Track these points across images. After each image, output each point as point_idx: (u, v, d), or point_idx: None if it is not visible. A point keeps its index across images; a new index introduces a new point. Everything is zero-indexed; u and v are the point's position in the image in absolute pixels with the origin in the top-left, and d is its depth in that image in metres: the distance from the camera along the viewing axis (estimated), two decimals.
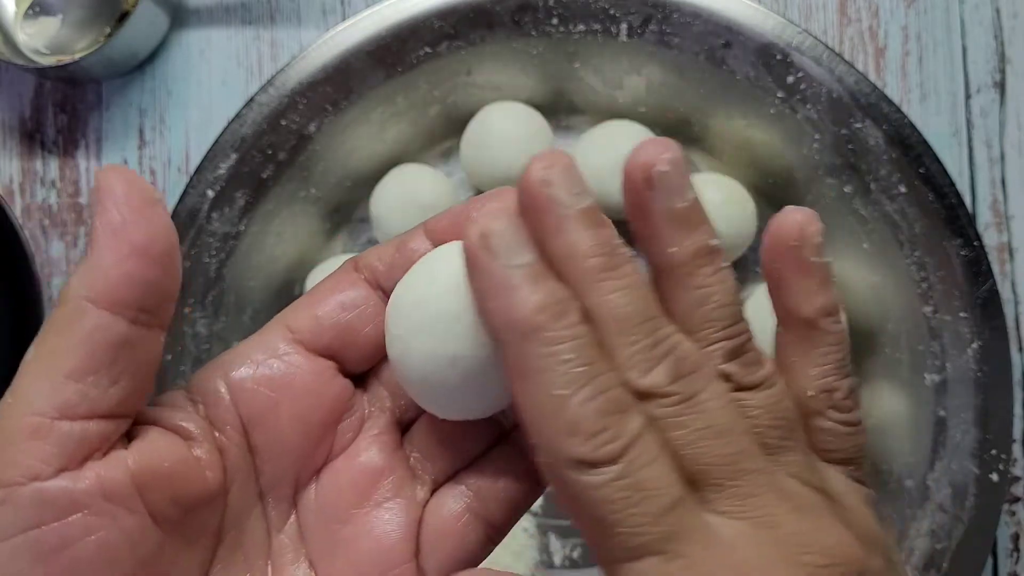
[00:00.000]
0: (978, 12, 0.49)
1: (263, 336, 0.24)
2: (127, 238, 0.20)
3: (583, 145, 0.46)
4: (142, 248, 0.20)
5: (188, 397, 0.23)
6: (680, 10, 0.44)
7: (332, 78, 0.45)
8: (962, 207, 0.43)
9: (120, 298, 0.20)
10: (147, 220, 0.21)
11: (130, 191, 0.21)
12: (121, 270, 0.20)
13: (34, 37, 0.50)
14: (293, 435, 0.23)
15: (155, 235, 0.21)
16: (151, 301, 0.21)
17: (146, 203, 0.21)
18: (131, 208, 0.20)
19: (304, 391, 0.23)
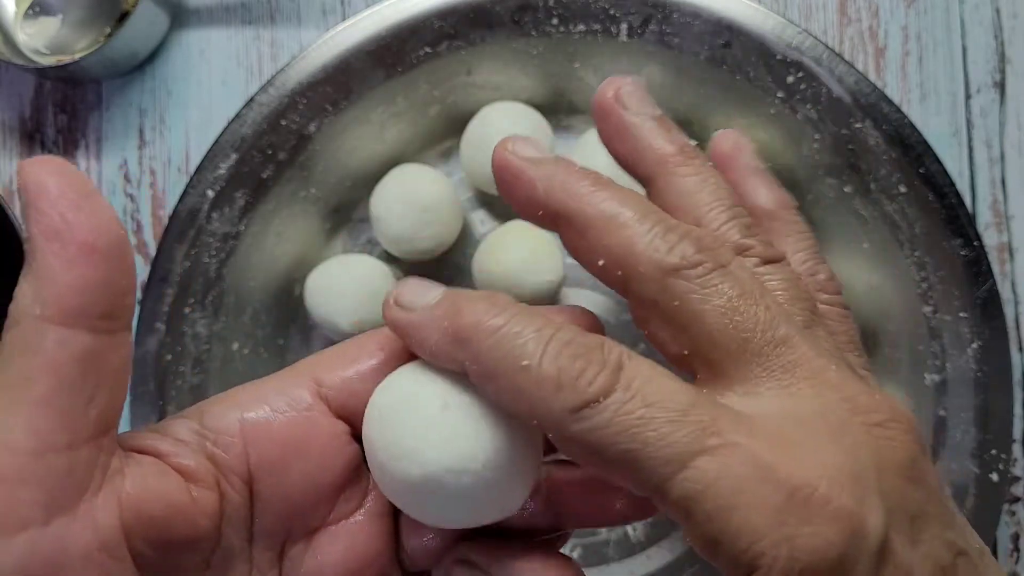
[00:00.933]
0: (978, 12, 0.49)
1: (285, 380, 0.23)
2: (71, 239, 0.19)
3: (583, 145, 0.46)
4: (89, 247, 0.19)
5: (197, 431, 0.22)
6: (680, 10, 0.44)
7: (332, 78, 0.45)
8: (962, 207, 0.43)
9: (75, 308, 0.19)
10: (88, 215, 0.19)
11: (64, 185, 0.19)
12: (70, 277, 0.19)
13: (34, 37, 0.50)
14: (298, 494, 0.23)
15: (99, 229, 0.19)
16: (108, 303, 0.19)
17: (83, 196, 0.19)
18: (69, 204, 0.19)
19: (319, 452, 0.23)
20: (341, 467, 0.23)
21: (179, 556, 0.21)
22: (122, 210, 0.50)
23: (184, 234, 0.45)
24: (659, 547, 0.47)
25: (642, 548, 0.47)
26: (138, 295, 0.50)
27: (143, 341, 0.45)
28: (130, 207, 0.51)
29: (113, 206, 0.51)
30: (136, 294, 0.20)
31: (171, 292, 0.45)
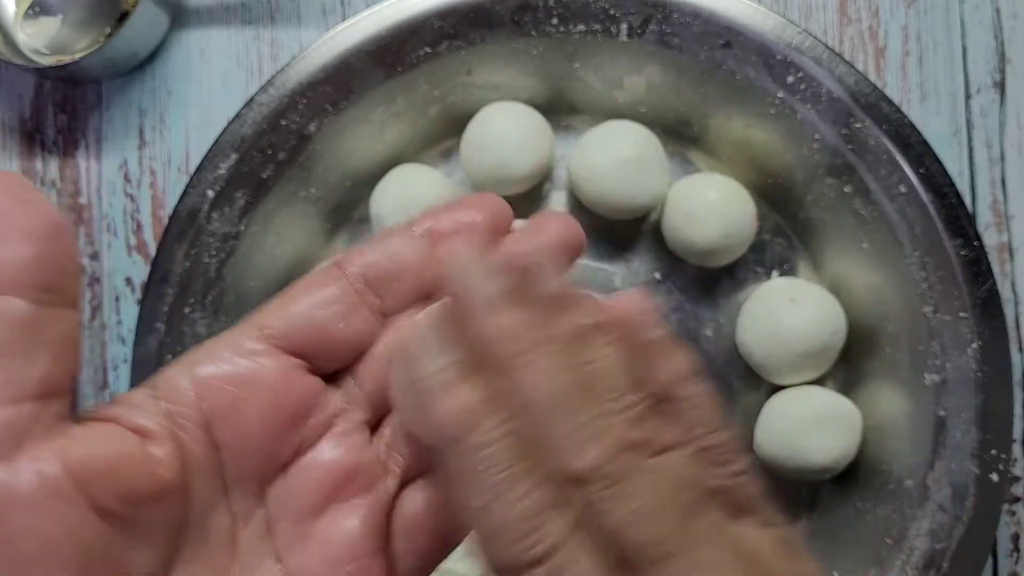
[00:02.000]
0: (978, 12, 0.49)
1: (232, 334, 0.24)
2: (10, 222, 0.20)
3: (583, 145, 0.46)
4: (26, 229, 0.20)
5: (151, 395, 0.23)
6: (680, 10, 0.44)
7: (332, 78, 0.45)
8: (962, 207, 0.43)
9: (15, 280, 0.20)
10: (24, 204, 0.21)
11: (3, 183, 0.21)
12: (10, 253, 0.20)
13: (34, 37, 0.50)
14: (258, 432, 0.23)
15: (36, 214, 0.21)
16: (47, 278, 0.21)
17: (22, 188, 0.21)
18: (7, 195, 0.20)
19: (270, 388, 0.23)
20: (296, 399, 0.24)
21: (148, 509, 0.22)
22: (122, 210, 0.50)
23: (184, 234, 0.45)
24: None
25: None
26: (138, 295, 0.50)
27: (143, 341, 0.45)
28: (130, 207, 0.51)
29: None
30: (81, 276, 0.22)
31: (171, 292, 0.45)
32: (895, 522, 0.43)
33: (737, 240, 0.45)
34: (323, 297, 0.24)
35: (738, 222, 0.45)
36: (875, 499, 0.44)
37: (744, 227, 0.45)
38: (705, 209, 0.44)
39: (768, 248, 0.48)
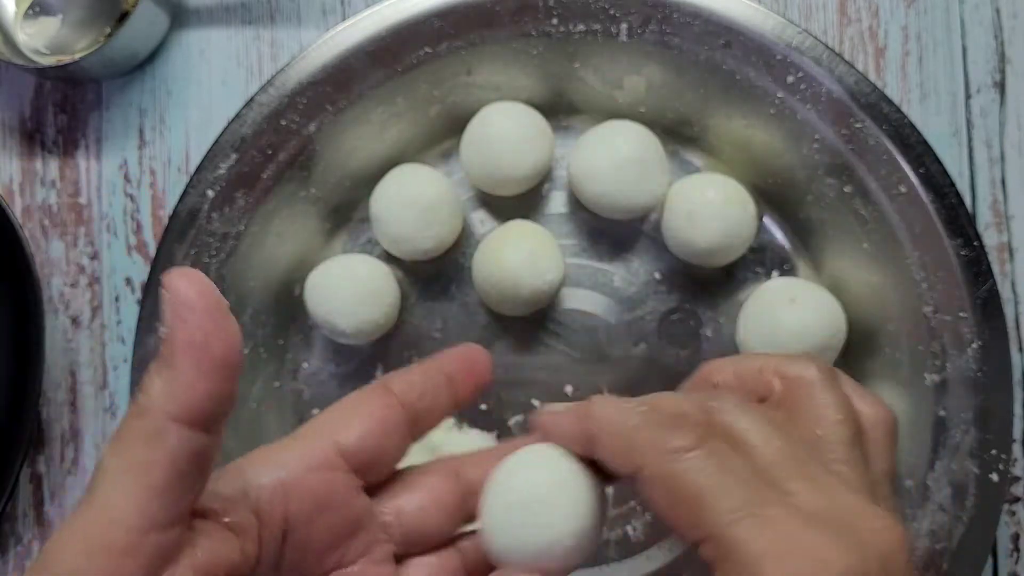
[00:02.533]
0: (978, 12, 0.49)
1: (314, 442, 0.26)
2: (209, 353, 0.22)
3: (583, 145, 0.46)
4: (222, 362, 0.22)
5: (242, 489, 0.25)
6: (680, 10, 0.44)
7: (332, 78, 0.45)
8: (962, 207, 0.43)
9: (202, 414, 0.22)
10: (224, 332, 0.22)
11: (205, 301, 0.22)
12: (204, 387, 0.22)
13: (34, 37, 0.51)
14: (321, 541, 0.26)
15: (232, 347, 0.22)
16: (223, 411, 0.23)
17: (221, 313, 0.22)
18: (210, 319, 0.22)
19: (340, 505, 0.26)
20: (355, 517, 0.27)
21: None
22: (122, 210, 0.51)
23: (184, 234, 0.45)
24: (659, 547, 0.47)
25: (642, 548, 0.47)
26: (138, 295, 0.50)
27: (143, 341, 0.45)
28: (130, 207, 0.51)
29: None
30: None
31: None
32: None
33: (737, 240, 0.45)
34: (387, 422, 0.27)
35: (738, 222, 0.45)
36: None
37: (744, 227, 0.45)
38: (705, 209, 0.44)
39: (768, 248, 0.48)
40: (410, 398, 0.28)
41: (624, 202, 0.45)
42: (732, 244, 0.45)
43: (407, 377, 0.28)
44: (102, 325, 0.50)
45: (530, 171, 0.46)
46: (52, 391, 0.50)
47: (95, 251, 0.51)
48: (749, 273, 0.48)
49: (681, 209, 0.45)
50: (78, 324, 0.50)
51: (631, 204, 0.45)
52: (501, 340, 0.48)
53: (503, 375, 0.48)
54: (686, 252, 0.46)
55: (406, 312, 0.48)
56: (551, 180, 0.49)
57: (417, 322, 0.48)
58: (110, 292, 0.50)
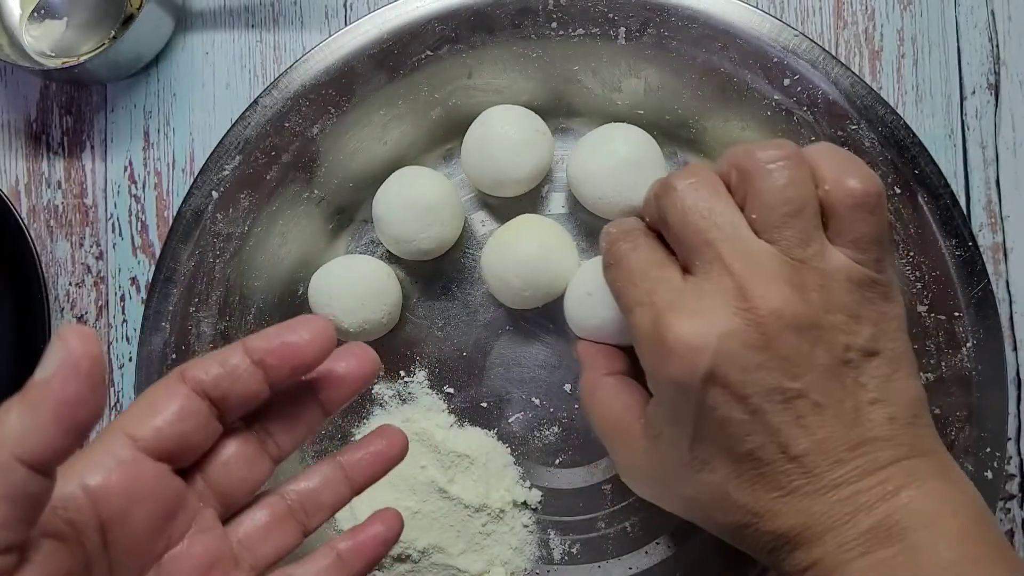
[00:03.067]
0: (973, 15, 0.50)
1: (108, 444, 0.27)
2: (75, 415, 0.23)
3: (582, 147, 0.46)
4: (81, 427, 0.23)
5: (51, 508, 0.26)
6: (678, 14, 0.45)
7: (335, 81, 0.46)
8: (957, 208, 0.43)
9: (47, 462, 0.23)
10: (95, 402, 0.23)
11: (90, 367, 0.23)
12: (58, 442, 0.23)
13: (39, 39, 0.51)
14: (142, 532, 0.28)
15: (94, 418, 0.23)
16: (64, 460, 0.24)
17: (100, 383, 0.23)
18: (88, 386, 0.23)
19: (151, 493, 0.27)
20: (170, 500, 0.28)
21: None
22: (127, 211, 0.51)
23: (189, 234, 0.45)
24: (657, 543, 0.47)
25: (640, 544, 0.47)
26: (143, 295, 0.51)
27: (148, 340, 0.45)
28: (135, 208, 0.51)
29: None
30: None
31: (176, 292, 0.45)
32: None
33: None
34: (184, 410, 0.28)
35: None
36: None
37: None
38: None
39: None
40: (206, 385, 0.28)
41: (623, 203, 0.45)
42: None
43: (204, 364, 0.29)
44: (108, 324, 0.51)
45: (530, 173, 0.46)
46: None
47: (101, 251, 0.51)
48: None
49: None
50: (84, 323, 0.51)
51: (630, 205, 0.46)
52: (501, 339, 0.48)
53: (503, 373, 0.48)
54: None
55: (408, 312, 0.49)
56: (551, 182, 0.49)
57: (419, 321, 0.49)
58: (115, 292, 0.51)
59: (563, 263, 0.45)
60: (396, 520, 0.33)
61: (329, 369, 0.31)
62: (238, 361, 0.29)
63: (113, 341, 0.51)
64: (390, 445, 0.33)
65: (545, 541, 0.47)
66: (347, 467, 0.32)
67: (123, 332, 0.51)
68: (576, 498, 0.48)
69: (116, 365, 0.51)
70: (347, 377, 0.31)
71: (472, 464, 0.46)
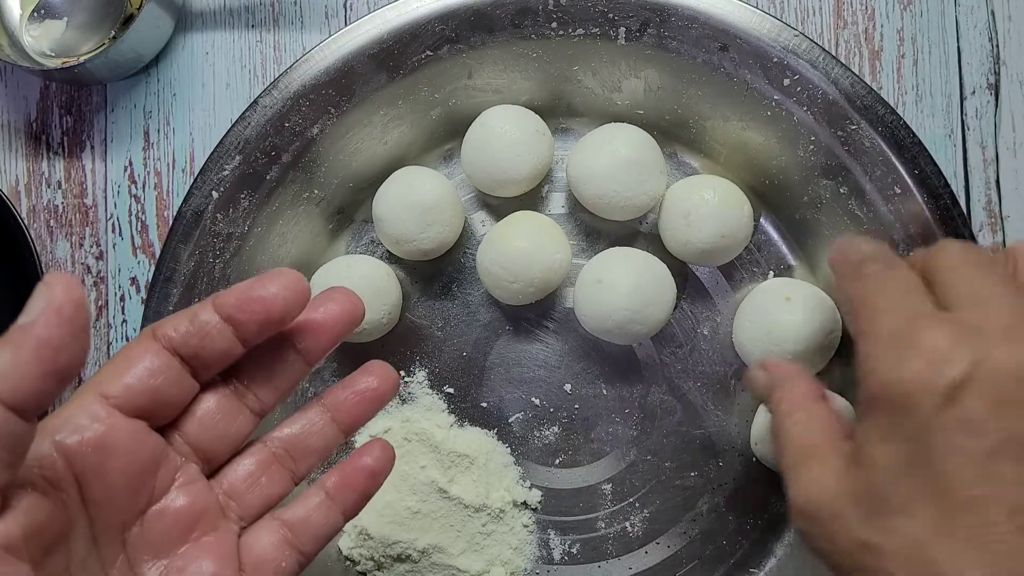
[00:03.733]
0: (973, 15, 0.50)
1: (81, 402, 0.27)
2: (56, 359, 0.23)
3: (582, 147, 0.46)
4: (62, 371, 0.23)
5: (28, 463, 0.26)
6: (678, 14, 0.45)
7: (335, 81, 0.46)
8: (956, 208, 0.43)
9: (25, 404, 0.23)
10: (77, 348, 0.23)
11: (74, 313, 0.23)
12: (40, 385, 0.23)
13: (39, 39, 0.51)
14: (119, 487, 0.27)
15: (76, 364, 0.24)
16: (46, 405, 0.24)
17: (83, 331, 0.23)
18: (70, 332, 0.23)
19: (125, 449, 0.27)
20: (147, 455, 0.28)
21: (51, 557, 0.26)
22: (127, 211, 0.51)
23: (189, 234, 0.45)
24: (657, 543, 0.47)
25: (640, 544, 0.47)
26: (143, 294, 0.51)
27: None
28: (135, 208, 0.51)
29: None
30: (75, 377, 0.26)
31: (176, 292, 0.45)
32: None
33: (734, 241, 0.46)
34: (154, 366, 0.28)
35: (735, 223, 0.45)
36: None
37: (741, 228, 0.46)
38: (702, 210, 0.45)
39: (764, 248, 0.49)
40: (176, 342, 0.28)
41: (622, 203, 0.45)
42: (729, 245, 0.46)
43: (173, 322, 0.28)
44: (108, 324, 0.51)
45: (530, 173, 0.46)
46: None
47: (101, 251, 0.51)
48: (746, 273, 0.48)
49: (679, 210, 0.46)
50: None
51: (629, 205, 0.46)
52: (501, 338, 0.48)
53: (503, 373, 0.48)
54: (684, 252, 0.46)
55: (408, 311, 0.49)
56: (550, 181, 0.49)
57: (419, 321, 0.49)
58: (115, 292, 0.51)
59: (554, 257, 0.45)
60: (386, 451, 0.32)
61: (306, 318, 0.30)
62: (208, 317, 0.28)
63: (113, 341, 0.51)
64: (381, 381, 0.32)
65: (545, 541, 0.47)
66: (332, 409, 0.32)
67: (123, 332, 0.51)
68: (576, 498, 0.48)
69: None
70: (325, 324, 0.30)
71: (472, 464, 0.46)
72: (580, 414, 0.48)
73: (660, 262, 0.45)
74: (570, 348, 0.48)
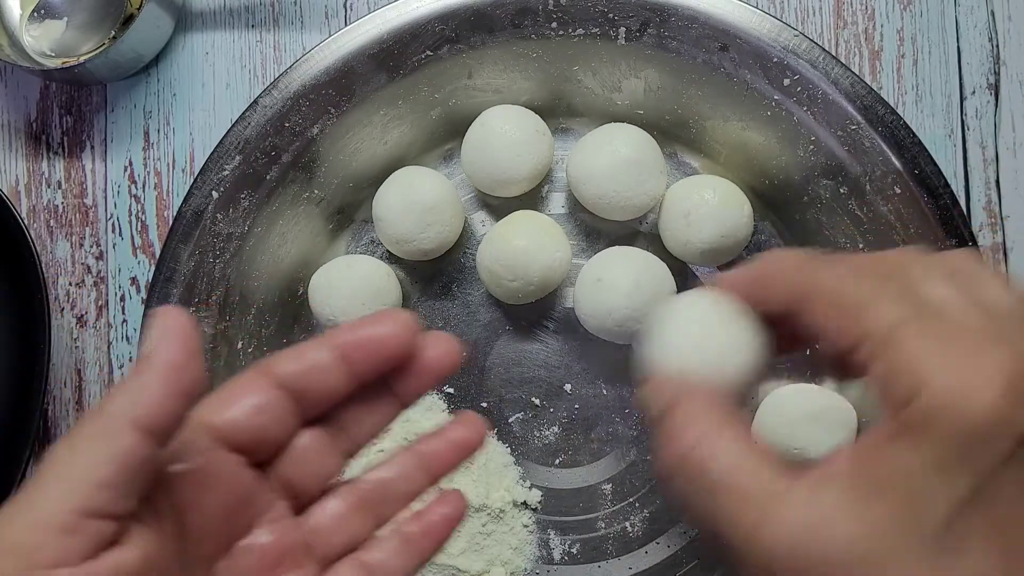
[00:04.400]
0: (973, 15, 0.50)
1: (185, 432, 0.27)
2: (181, 379, 0.24)
3: (582, 147, 0.46)
4: (189, 390, 0.24)
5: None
6: (677, 14, 0.45)
7: (335, 81, 0.46)
8: (957, 207, 0.44)
9: (159, 427, 0.24)
10: (197, 367, 0.25)
11: (188, 337, 0.25)
12: (169, 405, 0.24)
13: (39, 39, 0.51)
14: (215, 520, 0.27)
15: (198, 382, 0.25)
16: (175, 428, 0.25)
17: (199, 353, 0.25)
18: (190, 354, 0.25)
19: (225, 483, 0.27)
20: (243, 491, 0.28)
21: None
22: (127, 211, 0.51)
23: (189, 234, 0.45)
24: (657, 543, 0.47)
25: (640, 544, 0.47)
26: (143, 295, 0.51)
27: None
28: (135, 208, 0.51)
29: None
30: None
31: (176, 292, 0.45)
32: None
33: (734, 241, 0.46)
34: (261, 404, 0.28)
35: (735, 223, 0.45)
36: None
37: (741, 228, 0.46)
38: (702, 210, 0.45)
39: (764, 248, 0.49)
40: (286, 379, 0.28)
41: (622, 203, 0.45)
42: (729, 245, 0.46)
43: (285, 358, 0.28)
44: (108, 324, 0.51)
45: (530, 173, 0.46)
46: (58, 389, 0.51)
47: (101, 251, 0.51)
48: None
49: (679, 210, 0.46)
50: (84, 323, 0.51)
51: (629, 205, 0.46)
52: (501, 338, 0.48)
53: (503, 373, 0.48)
54: (684, 252, 0.47)
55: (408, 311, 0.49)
56: (550, 182, 0.49)
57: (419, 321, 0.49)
58: (115, 292, 0.51)
59: (554, 256, 0.45)
60: (461, 501, 0.32)
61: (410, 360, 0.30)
62: (319, 355, 0.28)
63: (113, 341, 0.51)
64: (472, 432, 0.32)
65: (545, 541, 0.47)
66: (426, 457, 0.32)
67: (123, 332, 0.51)
68: (576, 498, 0.48)
69: (116, 365, 0.51)
70: (428, 367, 0.30)
71: (472, 464, 0.46)
72: (580, 414, 0.48)
73: (660, 262, 0.45)
74: (570, 348, 0.48)
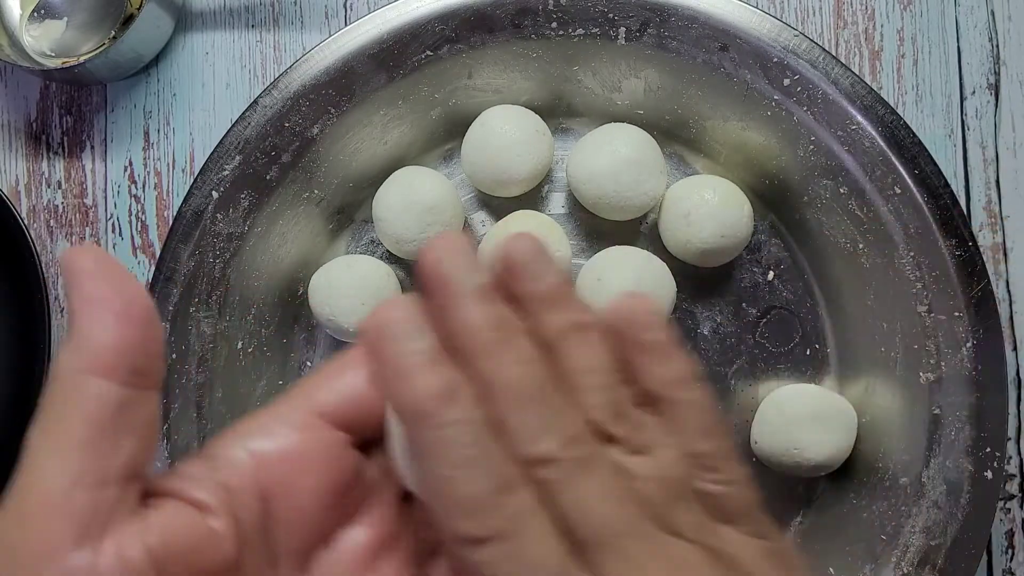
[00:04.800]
0: (973, 15, 0.50)
1: (284, 406, 0.25)
2: (106, 307, 0.21)
3: (582, 147, 0.46)
4: (122, 313, 0.21)
5: (210, 467, 0.23)
6: (678, 14, 0.45)
7: (335, 81, 0.46)
8: (956, 208, 0.43)
9: (110, 363, 0.21)
10: (121, 288, 0.22)
11: (99, 265, 0.22)
12: (106, 337, 0.21)
13: (39, 39, 0.51)
14: (310, 506, 0.24)
15: (131, 300, 0.22)
16: (138, 362, 0.22)
17: (119, 274, 0.22)
18: (106, 281, 0.22)
19: (322, 464, 0.24)
20: (344, 473, 0.25)
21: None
22: (127, 211, 0.51)
23: (189, 234, 0.45)
24: None
25: None
26: None
27: None
28: (135, 208, 0.51)
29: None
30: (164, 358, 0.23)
31: (176, 291, 0.45)
32: (890, 519, 0.44)
33: (733, 240, 0.46)
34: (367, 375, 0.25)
35: (735, 223, 0.45)
36: (870, 496, 0.45)
37: (740, 228, 0.46)
38: (702, 210, 0.45)
39: (764, 248, 0.49)
40: None
41: (622, 203, 0.45)
42: (729, 245, 0.46)
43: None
44: None
45: (530, 173, 0.46)
46: None
47: None
48: (746, 273, 0.48)
49: (679, 210, 0.46)
50: None
51: (629, 205, 0.46)
52: None
53: None
54: (683, 252, 0.46)
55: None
56: (550, 182, 0.49)
57: None
58: None
59: (554, 256, 0.45)
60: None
61: None
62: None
63: None
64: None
65: None
66: None
67: None
68: None
69: None
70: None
71: None
72: None
73: (660, 261, 0.45)
74: None
